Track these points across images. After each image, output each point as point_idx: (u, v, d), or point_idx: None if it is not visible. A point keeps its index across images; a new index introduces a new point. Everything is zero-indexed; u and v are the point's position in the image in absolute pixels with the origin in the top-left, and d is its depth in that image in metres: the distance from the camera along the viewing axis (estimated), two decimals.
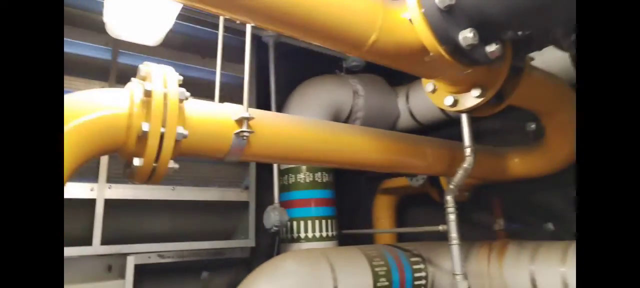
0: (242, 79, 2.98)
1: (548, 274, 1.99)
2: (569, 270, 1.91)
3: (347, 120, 2.90)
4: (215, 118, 1.34)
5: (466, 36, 1.01)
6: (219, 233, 2.76)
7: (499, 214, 2.46)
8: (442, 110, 2.80)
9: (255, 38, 2.93)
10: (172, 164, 1.20)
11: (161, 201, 2.43)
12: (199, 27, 2.74)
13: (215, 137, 1.33)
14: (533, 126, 2.61)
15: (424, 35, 1.06)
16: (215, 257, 2.74)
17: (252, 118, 1.34)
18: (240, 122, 1.33)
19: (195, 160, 2.60)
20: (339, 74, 3.08)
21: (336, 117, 2.84)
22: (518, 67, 1.41)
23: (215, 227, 2.79)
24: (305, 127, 1.56)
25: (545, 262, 2.03)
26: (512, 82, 1.44)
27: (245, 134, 1.32)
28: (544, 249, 2.09)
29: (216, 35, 1.78)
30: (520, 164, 2.29)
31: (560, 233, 2.45)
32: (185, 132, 1.19)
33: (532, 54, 1.51)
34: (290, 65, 3.23)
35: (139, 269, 2.25)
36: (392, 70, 3.39)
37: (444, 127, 2.96)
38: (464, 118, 1.95)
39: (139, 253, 2.28)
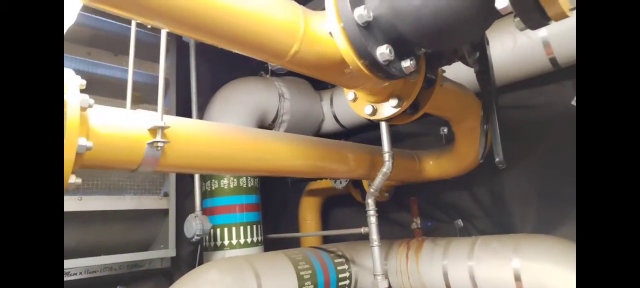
0: (165, 79, 2.81)
1: (458, 268, 2.17)
2: (475, 264, 2.09)
3: (273, 123, 2.88)
4: (126, 127, 1.24)
5: (383, 52, 1.05)
6: (135, 245, 2.57)
7: (416, 213, 2.62)
8: None
9: (175, 36, 2.78)
10: (73, 179, 1.09)
11: (65, 213, 2.20)
12: (110, 20, 2.52)
13: (125, 148, 1.23)
14: (445, 130, 2.82)
15: (344, 49, 1.08)
16: (132, 270, 2.55)
17: (168, 126, 1.26)
18: (154, 131, 1.25)
19: None
20: (264, 76, 3.04)
21: (262, 121, 2.80)
22: (431, 79, 1.50)
23: (131, 238, 2.59)
24: (226, 134, 1.51)
25: (455, 257, 2.20)
26: (426, 93, 1.53)
27: (159, 144, 1.24)
28: (454, 245, 2.27)
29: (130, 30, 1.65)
30: (434, 166, 2.46)
31: (468, 229, 2.69)
32: (89, 144, 1.08)
33: (443, 67, 1.62)
34: (214, 66, 3.11)
35: None
36: None
37: (367, 130, 3.07)
38: (383, 125, 2.05)
39: None
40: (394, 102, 1.49)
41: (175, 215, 2.62)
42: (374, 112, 1.56)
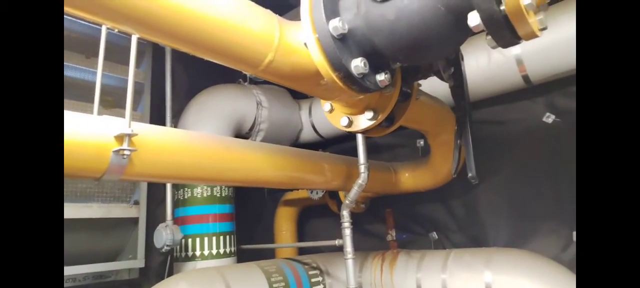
0: (137, 83, 2.73)
1: (431, 281, 2.17)
2: (449, 277, 2.10)
3: (250, 131, 2.84)
4: (90, 133, 1.18)
5: (357, 65, 1.04)
6: (102, 255, 2.47)
7: (391, 225, 2.62)
8: None
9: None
10: None
11: None
12: (82, 21, 2.44)
13: (89, 156, 1.17)
14: (422, 142, 2.84)
15: (318, 60, 1.07)
16: (98, 281, 2.45)
17: (135, 134, 1.22)
18: (120, 138, 1.20)
19: None
20: (243, 84, 3.00)
21: (238, 128, 2.75)
22: (407, 92, 1.51)
23: (98, 248, 2.49)
24: (198, 143, 1.47)
25: (429, 270, 2.21)
26: (402, 107, 1.53)
27: (126, 152, 1.19)
28: (428, 257, 2.28)
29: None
30: (410, 179, 2.47)
31: (443, 241, 2.71)
32: None
33: (418, 82, 1.63)
34: (190, 72, 3.06)
35: None
36: None
37: (345, 140, 3.07)
38: (359, 137, 2.04)
39: None
40: (369, 114, 1.48)
41: (146, 225, 2.53)
42: (350, 124, 1.55)
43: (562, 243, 2.20)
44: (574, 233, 2.15)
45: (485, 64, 2.10)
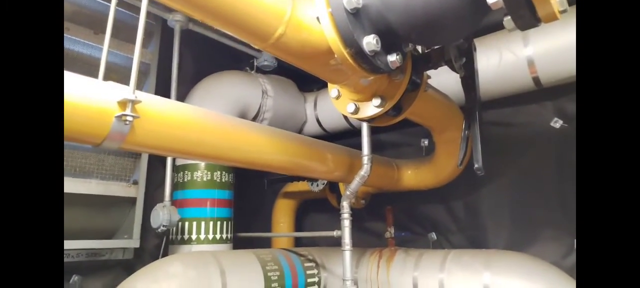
0: (144, 63, 2.72)
1: (428, 280, 2.14)
2: (446, 277, 2.07)
3: (254, 119, 2.82)
4: (93, 97, 1.16)
5: (369, 42, 1.02)
6: (97, 232, 2.45)
7: (390, 222, 2.59)
8: (346, 119, 2.88)
9: (161, 20, 2.70)
10: None
11: None
12: None
13: (90, 120, 1.15)
14: (426, 142, 2.81)
15: (330, 35, 1.05)
16: (91, 259, 2.42)
17: (139, 101, 1.20)
18: (123, 104, 1.18)
19: (73, 146, 2.27)
20: (249, 72, 2.99)
21: (242, 115, 2.73)
22: (416, 82, 1.48)
23: (93, 225, 2.46)
24: (202, 118, 1.45)
25: (426, 269, 2.18)
26: (410, 96, 1.50)
27: (128, 118, 1.17)
28: (427, 257, 2.25)
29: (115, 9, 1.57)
30: (412, 176, 2.45)
31: (442, 242, 2.67)
32: None
33: (429, 72, 1.61)
34: (197, 56, 3.04)
35: None
36: (302, 75, 3.38)
37: (348, 136, 3.04)
38: (364, 127, 2.02)
39: None
40: (377, 101, 1.46)
41: (143, 205, 2.51)
42: (357, 110, 1.52)
43: (563, 251, 2.17)
44: (575, 241, 2.12)
45: (496, 63, 2.08)
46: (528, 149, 2.39)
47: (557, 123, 2.27)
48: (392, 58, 1.10)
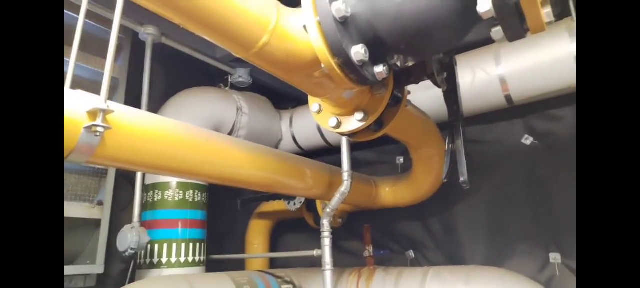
0: (113, 78, 2.60)
1: None
2: None
3: None
4: None
5: (358, 51, 1.00)
6: None
7: (369, 241, 2.56)
8: (322, 136, 2.86)
9: (131, 34, 2.61)
10: None
11: None
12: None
13: None
14: (402, 160, 2.84)
15: (317, 44, 1.03)
16: None
17: (112, 111, 1.12)
18: (93, 114, 1.10)
19: None
20: (223, 88, 2.92)
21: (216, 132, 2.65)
22: (398, 96, 1.48)
23: None
24: (180, 131, 1.38)
25: (407, 287, 2.15)
26: (392, 111, 1.50)
27: (99, 129, 1.08)
28: (407, 275, 2.22)
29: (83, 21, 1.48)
30: (390, 193, 2.44)
31: (420, 260, 2.66)
32: None
33: (408, 89, 1.62)
34: (169, 72, 2.95)
35: None
36: (278, 93, 3.34)
37: (324, 154, 3.02)
38: (344, 143, 2.00)
39: None
40: (359, 115, 1.44)
41: (108, 228, 2.36)
42: (339, 125, 1.50)
43: (538, 264, 2.20)
44: (551, 255, 2.17)
45: (469, 82, 2.13)
46: (500, 166, 2.44)
47: (527, 140, 2.34)
48: (379, 69, 1.09)
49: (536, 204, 2.26)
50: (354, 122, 1.47)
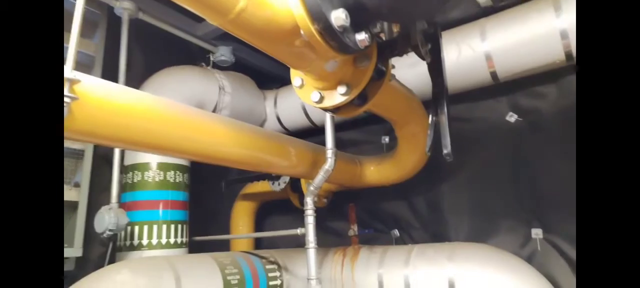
0: (88, 55, 2.49)
1: (393, 276, 2.11)
2: (411, 272, 2.05)
3: None
4: None
5: (338, 16, 0.96)
6: None
7: (353, 220, 2.55)
8: (307, 116, 2.82)
9: (107, 8, 2.50)
10: None
11: None
12: None
13: None
14: (387, 139, 2.82)
15: (296, 9, 0.98)
16: None
17: (79, 80, 1.06)
18: None
19: None
20: (205, 67, 2.84)
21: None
22: (381, 69, 1.44)
23: None
24: (154, 104, 1.32)
25: (391, 266, 2.15)
26: (376, 85, 1.46)
27: (66, 99, 1.02)
28: (391, 253, 2.22)
29: None
30: (375, 172, 2.42)
31: (404, 239, 2.67)
32: None
33: (392, 63, 1.58)
34: (148, 50, 2.85)
35: None
36: (262, 73, 3.26)
37: (309, 134, 2.98)
38: (328, 119, 1.97)
39: None
40: (342, 89, 1.40)
41: (86, 210, 2.29)
42: (321, 99, 1.46)
43: (520, 241, 2.22)
44: (533, 230, 2.19)
45: (455, 58, 2.10)
46: (485, 143, 2.44)
47: (512, 117, 2.34)
48: (361, 36, 1.05)
49: (519, 181, 2.28)
50: (337, 96, 1.43)
